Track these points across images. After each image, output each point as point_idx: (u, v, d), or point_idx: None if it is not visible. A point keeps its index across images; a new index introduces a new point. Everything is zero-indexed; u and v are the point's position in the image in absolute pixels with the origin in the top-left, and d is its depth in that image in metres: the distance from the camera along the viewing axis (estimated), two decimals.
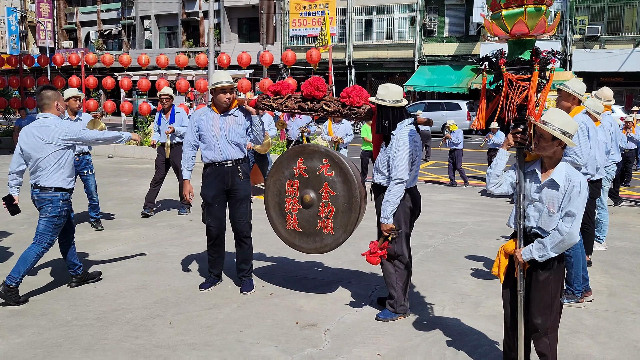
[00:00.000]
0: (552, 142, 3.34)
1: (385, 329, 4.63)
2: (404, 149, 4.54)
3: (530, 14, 3.28)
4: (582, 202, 3.33)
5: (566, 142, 3.31)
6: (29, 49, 46.45)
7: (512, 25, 3.32)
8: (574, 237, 3.32)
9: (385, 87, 4.67)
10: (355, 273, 6.07)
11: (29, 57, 18.65)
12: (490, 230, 8.11)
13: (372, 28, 32.00)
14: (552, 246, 3.37)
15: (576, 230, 3.32)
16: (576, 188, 3.32)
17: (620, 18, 26.25)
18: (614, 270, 6.32)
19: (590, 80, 25.13)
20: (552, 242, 3.37)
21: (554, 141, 3.33)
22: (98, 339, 4.41)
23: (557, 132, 3.28)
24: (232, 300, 5.27)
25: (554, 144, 3.34)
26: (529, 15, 3.28)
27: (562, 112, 3.38)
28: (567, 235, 3.32)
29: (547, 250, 3.38)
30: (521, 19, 3.28)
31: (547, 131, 3.29)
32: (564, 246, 3.36)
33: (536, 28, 3.31)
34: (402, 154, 4.55)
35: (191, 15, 38.81)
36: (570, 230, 3.31)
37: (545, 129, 3.30)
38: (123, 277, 5.88)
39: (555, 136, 3.29)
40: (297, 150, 5.19)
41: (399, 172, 4.56)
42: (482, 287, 5.69)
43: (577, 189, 3.32)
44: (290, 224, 5.19)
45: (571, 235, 3.32)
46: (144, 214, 8.74)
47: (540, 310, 3.49)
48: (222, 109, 5.32)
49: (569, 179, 3.35)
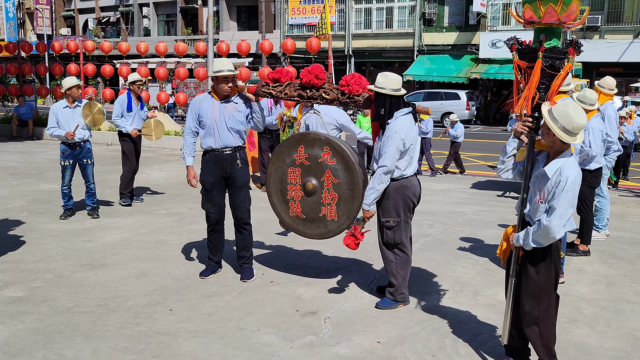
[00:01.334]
0: (549, 130, 3.35)
1: (385, 317, 4.66)
2: (396, 138, 4.55)
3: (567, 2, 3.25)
4: (567, 198, 3.29)
5: (558, 135, 3.29)
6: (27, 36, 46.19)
7: (545, 9, 3.28)
8: (553, 231, 3.31)
9: (385, 75, 4.67)
10: (355, 261, 6.09)
11: (27, 45, 18.55)
12: (489, 220, 8.13)
13: (371, 17, 31.86)
14: (533, 236, 3.40)
15: (555, 225, 3.30)
16: (562, 183, 3.30)
17: (620, 8, 26.18)
18: (613, 260, 6.35)
19: (590, 71, 25.12)
20: (534, 232, 3.40)
21: (549, 130, 3.34)
22: (99, 325, 4.43)
23: (552, 123, 3.29)
24: (233, 287, 5.29)
25: (551, 133, 3.34)
26: (564, 3, 3.25)
27: (569, 106, 3.32)
28: (544, 229, 3.32)
29: (529, 240, 3.41)
30: (552, 5, 3.25)
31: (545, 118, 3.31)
32: (543, 239, 3.37)
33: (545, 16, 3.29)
34: (393, 142, 4.55)
35: (190, 3, 38.58)
36: (548, 224, 3.31)
37: (544, 114, 3.32)
38: (123, 264, 5.89)
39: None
40: (297, 138, 5.19)
41: (385, 159, 4.58)
42: (481, 276, 5.71)
43: (563, 184, 3.29)
44: (294, 210, 5.21)
45: (548, 228, 3.31)
46: (128, 204, 8.62)
47: (529, 299, 3.54)
48: (222, 97, 5.31)
49: (560, 172, 3.32)
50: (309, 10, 32.30)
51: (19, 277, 5.47)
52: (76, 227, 7.34)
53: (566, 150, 3.40)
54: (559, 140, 3.34)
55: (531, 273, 3.51)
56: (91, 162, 7.89)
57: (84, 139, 7.76)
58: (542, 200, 3.40)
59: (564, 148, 3.39)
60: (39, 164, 12.71)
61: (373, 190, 4.65)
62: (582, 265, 6.11)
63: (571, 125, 3.27)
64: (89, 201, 7.94)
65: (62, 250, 6.33)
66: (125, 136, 8.78)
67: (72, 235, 6.94)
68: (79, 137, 7.67)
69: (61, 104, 7.72)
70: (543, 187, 3.40)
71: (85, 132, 7.74)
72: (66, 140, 7.66)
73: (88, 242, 6.69)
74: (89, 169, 7.86)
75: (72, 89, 7.66)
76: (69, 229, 7.23)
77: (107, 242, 6.68)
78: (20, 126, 17.99)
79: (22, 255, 6.14)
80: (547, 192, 3.37)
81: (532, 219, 3.49)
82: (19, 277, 5.45)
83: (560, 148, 3.39)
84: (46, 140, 17.00)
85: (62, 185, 7.77)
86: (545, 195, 3.38)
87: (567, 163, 3.35)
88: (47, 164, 12.52)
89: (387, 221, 4.76)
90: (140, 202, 8.88)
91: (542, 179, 3.41)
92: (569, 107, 3.31)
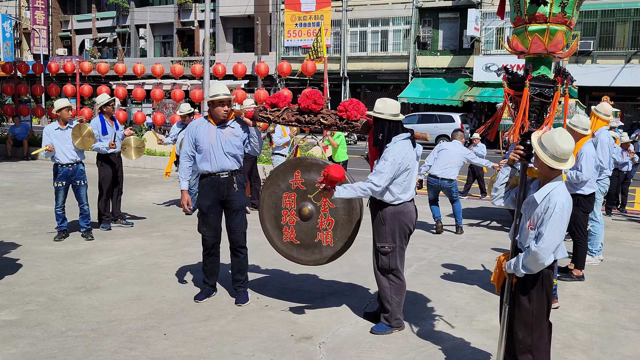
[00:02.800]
0: (537, 157, 3.40)
1: (380, 343, 4.65)
2: (391, 162, 4.58)
3: (531, 32, 3.33)
4: (555, 225, 3.30)
5: (543, 160, 3.32)
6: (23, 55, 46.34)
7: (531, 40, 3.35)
8: (541, 257, 3.32)
9: (383, 100, 4.72)
10: (350, 286, 6.08)
11: (23, 65, 18.62)
12: (484, 244, 8.15)
13: (366, 40, 32.17)
14: (523, 262, 3.42)
15: (544, 250, 3.31)
16: (550, 210, 3.31)
17: (612, 34, 26.55)
18: (606, 285, 6.37)
19: (583, 95, 25.32)
20: (523, 258, 3.41)
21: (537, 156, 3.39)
22: (93, 350, 4.40)
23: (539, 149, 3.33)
24: (227, 312, 5.27)
25: (538, 159, 3.39)
26: (529, 34, 3.33)
27: (556, 133, 3.35)
28: (534, 255, 3.33)
29: (519, 266, 3.43)
30: (537, 35, 3.32)
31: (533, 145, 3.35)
32: (533, 266, 3.38)
33: (532, 46, 3.36)
34: (388, 164, 4.57)
35: (186, 25, 38.88)
36: (536, 250, 3.32)
37: (533, 142, 3.36)
38: (117, 287, 5.87)
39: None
40: (293, 163, 5.21)
41: (378, 178, 4.56)
42: (476, 301, 5.71)
43: (551, 211, 3.31)
44: (287, 236, 5.20)
45: (537, 255, 3.32)
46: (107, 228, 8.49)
47: (521, 327, 3.54)
48: (219, 121, 5.35)
49: (550, 199, 3.34)
50: (304, 33, 32.60)
51: (12, 300, 5.44)
52: (70, 249, 7.32)
53: (556, 176, 3.43)
54: (546, 165, 3.37)
55: (523, 301, 3.51)
56: (84, 184, 7.88)
57: (77, 160, 7.77)
58: (532, 227, 3.42)
59: (554, 175, 3.42)
60: (34, 184, 12.68)
61: (353, 193, 4.56)
62: (576, 291, 6.12)
63: (557, 152, 3.30)
64: (82, 223, 7.92)
65: (56, 273, 6.30)
66: (105, 162, 8.51)
67: (66, 258, 6.91)
68: (72, 158, 7.67)
69: (53, 125, 7.73)
70: (532, 213, 3.42)
71: (78, 154, 7.75)
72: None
73: (82, 264, 6.67)
74: (82, 190, 7.86)
75: (61, 110, 7.68)
76: (62, 251, 7.20)
77: (101, 265, 6.65)
78: (15, 146, 17.98)
79: (15, 277, 6.10)
80: (536, 218, 3.39)
81: (522, 246, 3.51)
82: (12, 300, 5.42)
83: (549, 174, 3.42)
84: (41, 161, 16.98)
85: (56, 207, 7.76)
86: (535, 222, 3.40)
87: (557, 189, 3.37)
88: (41, 185, 12.49)
89: (383, 246, 4.77)
90: (130, 227, 8.74)
91: (532, 205, 3.44)
92: (554, 133, 3.35)
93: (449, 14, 30.04)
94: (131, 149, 8.86)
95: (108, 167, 8.55)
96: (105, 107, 8.47)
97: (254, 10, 33.79)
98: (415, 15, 30.47)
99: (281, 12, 33.50)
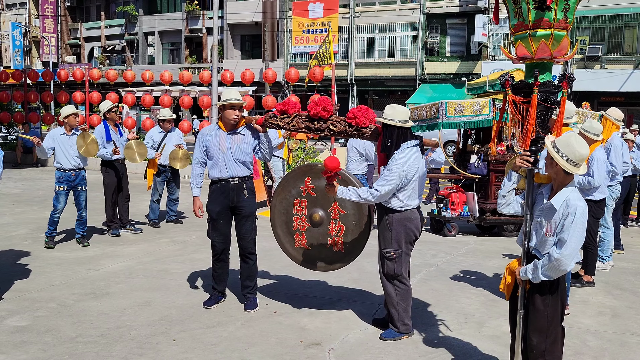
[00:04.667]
0: (552, 161, 3.39)
1: (389, 349, 4.63)
2: (399, 170, 4.57)
3: (535, 38, 3.33)
4: (576, 230, 3.31)
5: (561, 165, 3.33)
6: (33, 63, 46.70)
7: (537, 46, 3.36)
8: (564, 264, 3.32)
9: (392, 107, 4.72)
10: (358, 292, 6.07)
11: (33, 72, 18.74)
12: (493, 250, 8.12)
13: (374, 46, 32.22)
14: (543, 269, 3.40)
15: (567, 257, 3.31)
16: (570, 215, 3.31)
17: (621, 39, 26.46)
18: (617, 291, 6.33)
19: (591, 100, 25.26)
20: (543, 266, 3.40)
21: (552, 161, 3.38)
22: (103, 356, 4.41)
23: (555, 153, 3.33)
24: (236, 318, 5.27)
25: (554, 163, 3.38)
26: (533, 40, 3.33)
27: (572, 137, 3.38)
28: (556, 262, 3.33)
29: (539, 273, 3.41)
30: (520, 43, 3.33)
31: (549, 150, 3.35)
32: (553, 272, 3.37)
33: (538, 52, 3.36)
34: (395, 172, 4.57)
35: (194, 32, 39.10)
36: (559, 257, 3.31)
37: (548, 147, 3.36)
38: (127, 293, 5.89)
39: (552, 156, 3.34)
40: (304, 169, 5.22)
41: (383, 185, 4.57)
42: (485, 307, 5.69)
43: (572, 216, 3.31)
44: (299, 242, 5.21)
45: (560, 261, 3.31)
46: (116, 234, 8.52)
47: (536, 332, 3.52)
48: (229, 127, 5.37)
49: (567, 204, 3.34)
50: (312, 39, 32.68)
51: (23, 306, 5.46)
52: (79, 256, 7.35)
53: (570, 181, 3.43)
54: (562, 171, 3.37)
55: (538, 306, 3.50)
56: (84, 190, 7.90)
57: (80, 166, 7.79)
58: (550, 234, 3.40)
59: (568, 180, 3.42)
60: (43, 191, 12.75)
61: (356, 196, 4.61)
62: (586, 297, 6.08)
63: (574, 156, 3.32)
64: (79, 230, 7.94)
65: (66, 279, 6.32)
66: (109, 168, 8.54)
67: (75, 264, 6.94)
68: (75, 164, 7.70)
69: (59, 130, 7.74)
70: (550, 219, 3.41)
71: (81, 161, 7.78)
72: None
73: (91, 270, 6.69)
74: (82, 196, 7.87)
75: (69, 117, 7.71)
76: (72, 258, 7.24)
77: (111, 271, 6.68)
78: (24, 153, 18.10)
79: (25, 284, 6.14)
80: (555, 224, 3.38)
81: (539, 253, 3.49)
82: (22, 306, 5.45)
83: (564, 180, 3.42)
84: (50, 168, 17.07)
85: (55, 212, 7.67)
86: (553, 228, 3.39)
87: (573, 195, 3.38)
88: (50, 192, 12.41)
89: (389, 252, 4.77)
90: (139, 233, 8.77)
91: (549, 212, 3.42)
92: (571, 137, 3.37)
93: (457, 20, 30.04)
94: (134, 153, 8.88)
95: (112, 174, 8.56)
96: (108, 114, 8.52)
97: (261, 17, 33.94)
98: (423, 21, 30.49)
99: (289, 18, 33.62)
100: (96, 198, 7.93)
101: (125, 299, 5.71)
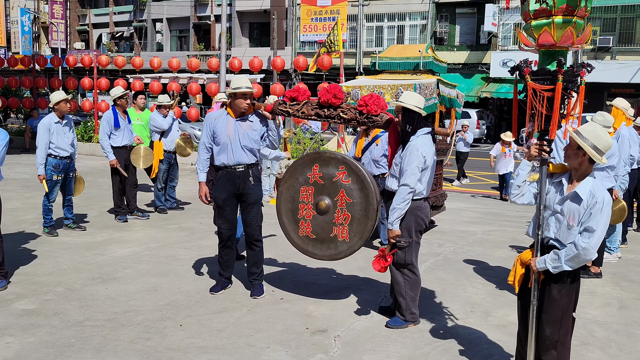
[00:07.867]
0: (577, 151, 3.36)
1: (395, 337, 4.64)
2: (418, 155, 4.54)
3: (558, 24, 3.29)
4: (603, 219, 3.30)
5: (590, 154, 3.30)
6: (41, 49, 46.79)
7: (538, 35, 3.33)
8: (590, 253, 3.29)
9: (410, 93, 4.69)
10: (365, 280, 6.07)
11: (42, 58, 18.78)
12: (500, 240, 8.10)
13: (382, 35, 32.04)
14: (566, 259, 3.35)
15: (593, 246, 3.28)
16: (598, 204, 3.29)
17: (632, 29, 26.17)
18: (625, 282, 6.30)
19: (601, 92, 25.05)
20: (567, 255, 3.35)
21: (579, 151, 3.35)
22: (110, 340, 4.43)
23: (583, 142, 3.30)
24: (243, 304, 5.29)
25: (579, 153, 3.35)
26: (556, 26, 3.29)
27: (597, 126, 3.37)
28: (583, 251, 3.29)
29: (561, 263, 3.36)
30: (546, 29, 3.29)
31: (575, 140, 3.32)
32: (578, 261, 3.34)
33: (562, 39, 3.31)
34: (415, 159, 4.54)
35: (203, 19, 38.99)
36: (586, 246, 3.28)
37: (573, 136, 3.32)
38: (134, 278, 5.91)
39: (580, 146, 3.31)
40: (312, 157, 5.20)
41: (407, 178, 4.55)
42: (492, 296, 5.68)
43: (600, 205, 3.29)
44: (304, 230, 5.20)
45: (587, 250, 3.29)
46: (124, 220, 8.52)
47: (550, 323, 3.49)
48: (238, 114, 5.35)
49: (593, 194, 3.32)
50: (320, 28, 32.53)
51: (31, 289, 5.50)
52: (87, 241, 7.38)
53: (591, 172, 3.42)
54: (586, 161, 3.35)
55: (554, 295, 3.46)
56: (75, 176, 7.90)
57: (73, 153, 7.76)
58: (574, 223, 3.38)
59: (589, 170, 3.40)
60: None
61: (397, 209, 4.59)
62: (594, 288, 6.06)
63: (601, 144, 3.31)
64: (68, 214, 7.94)
65: (74, 264, 6.36)
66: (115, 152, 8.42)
67: (83, 249, 6.97)
68: (70, 152, 7.65)
69: (51, 118, 7.54)
70: (574, 209, 3.38)
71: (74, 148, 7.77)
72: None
73: (99, 255, 6.72)
74: (72, 182, 7.86)
75: (59, 103, 7.53)
76: (80, 242, 7.27)
77: (118, 256, 6.70)
78: (33, 139, 18.11)
79: (33, 267, 6.18)
80: (580, 214, 3.34)
81: (560, 243, 3.45)
82: (30, 290, 5.48)
83: (587, 170, 3.40)
84: None
85: (50, 201, 7.57)
86: (578, 218, 3.36)
87: (596, 184, 3.37)
88: None
89: (399, 241, 4.75)
90: (146, 219, 8.77)
91: (574, 200, 3.38)
92: (597, 127, 3.37)
93: (466, 9, 29.80)
94: (139, 158, 8.79)
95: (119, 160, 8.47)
96: (119, 100, 8.51)
97: (270, 5, 33.79)
98: (432, 10, 30.28)
99: (297, 6, 33.46)
100: (104, 184, 7.93)
101: (132, 284, 5.73)
